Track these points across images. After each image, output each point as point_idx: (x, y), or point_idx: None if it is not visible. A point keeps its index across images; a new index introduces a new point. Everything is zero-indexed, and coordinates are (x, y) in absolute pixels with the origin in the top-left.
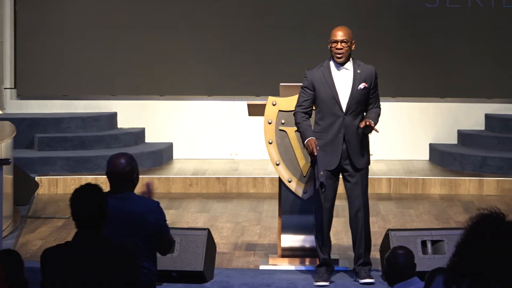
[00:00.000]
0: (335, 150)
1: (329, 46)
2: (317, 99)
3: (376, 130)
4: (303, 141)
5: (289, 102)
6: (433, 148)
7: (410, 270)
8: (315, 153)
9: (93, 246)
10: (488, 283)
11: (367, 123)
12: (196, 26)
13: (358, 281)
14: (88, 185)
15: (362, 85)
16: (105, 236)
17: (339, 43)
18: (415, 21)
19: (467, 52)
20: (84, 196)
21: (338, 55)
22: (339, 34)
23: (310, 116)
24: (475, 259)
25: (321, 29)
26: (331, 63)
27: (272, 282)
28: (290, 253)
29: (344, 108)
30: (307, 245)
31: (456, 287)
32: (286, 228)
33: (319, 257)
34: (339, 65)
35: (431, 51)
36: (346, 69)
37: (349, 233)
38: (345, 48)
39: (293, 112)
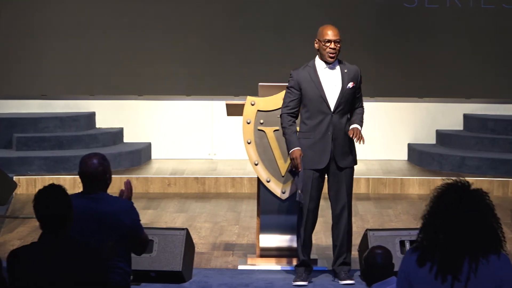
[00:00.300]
0: (325, 149)
1: (319, 45)
2: (304, 98)
3: (362, 141)
4: (288, 149)
5: (268, 102)
6: (411, 148)
7: (388, 270)
8: (300, 169)
9: (58, 246)
10: (458, 256)
11: (356, 136)
12: (174, 26)
13: (337, 282)
14: (52, 186)
15: (350, 84)
16: (71, 236)
17: (333, 43)
18: (394, 21)
19: (446, 52)
20: (47, 197)
21: (332, 55)
22: (333, 34)
23: (296, 118)
24: (443, 231)
25: (299, 29)
26: (317, 63)
27: (251, 282)
28: (268, 253)
29: (332, 107)
30: (286, 245)
31: (430, 263)
32: (265, 228)
33: (298, 257)
34: (326, 64)
35: (409, 51)
36: (333, 68)
37: (328, 233)
38: (338, 48)
39: (280, 113)
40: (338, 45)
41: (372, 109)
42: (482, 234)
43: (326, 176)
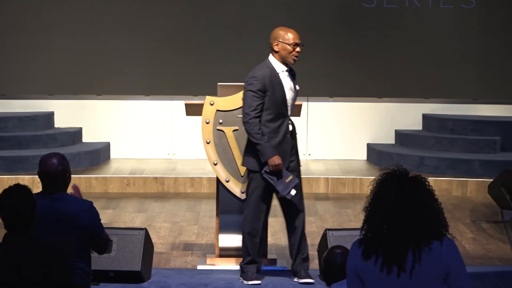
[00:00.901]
0: (286, 150)
1: (282, 47)
2: (268, 101)
3: None
4: (265, 157)
5: (227, 102)
6: (370, 148)
7: None
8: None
9: (22, 247)
10: (401, 246)
11: None
12: (133, 26)
13: (297, 281)
14: (17, 186)
15: (297, 86)
16: (35, 237)
17: (299, 46)
18: (353, 21)
19: (405, 52)
20: (12, 197)
21: (296, 58)
22: (299, 37)
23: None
24: (385, 221)
25: (258, 29)
26: (275, 64)
27: (210, 282)
28: (228, 253)
29: (289, 109)
30: None
31: (375, 255)
32: (224, 228)
33: (248, 255)
34: (283, 66)
35: (368, 51)
36: (286, 70)
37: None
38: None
39: (248, 117)
40: (301, 49)
41: (331, 109)
42: (424, 220)
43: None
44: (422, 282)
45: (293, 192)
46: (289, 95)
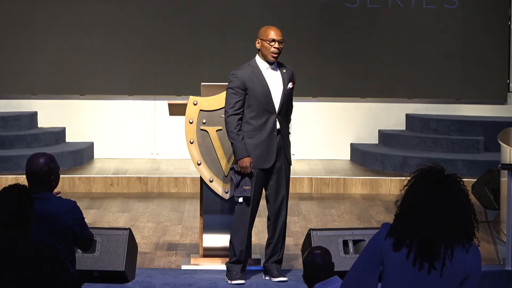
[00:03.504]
0: (271, 148)
1: (261, 45)
2: (249, 98)
3: None
4: (236, 156)
5: (210, 102)
6: (354, 148)
7: (329, 269)
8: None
9: (16, 246)
10: (435, 243)
11: None
12: (116, 25)
13: (270, 279)
14: (16, 186)
15: (290, 85)
16: (29, 236)
17: (277, 42)
18: (336, 21)
19: (388, 52)
20: (10, 197)
21: (275, 55)
22: (277, 34)
23: (242, 119)
24: (419, 216)
25: (241, 28)
26: (259, 63)
27: (194, 282)
28: (212, 252)
29: (277, 107)
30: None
31: (407, 249)
32: (208, 228)
33: (234, 255)
34: (268, 64)
35: (352, 51)
36: (273, 68)
37: None
38: (281, 48)
39: (226, 115)
40: (281, 46)
41: (315, 109)
42: (457, 220)
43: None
44: (448, 281)
45: (240, 200)
46: (275, 92)
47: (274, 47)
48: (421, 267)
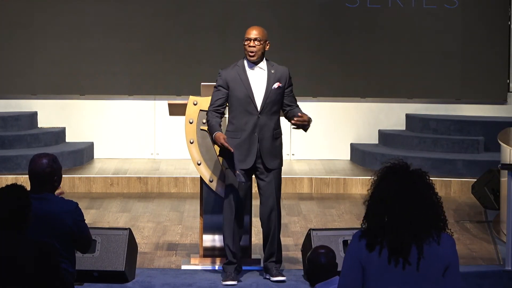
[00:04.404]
0: (250, 149)
1: (243, 45)
2: (231, 97)
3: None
4: (211, 136)
5: None
6: (354, 148)
7: (332, 270)
8: (231, 149)
9: (14, 246)
10: (405, 238)
11: (300, 119)
12: (116, 25)
13: (269, 279)
14: (14, 185)
15: (276, 85)
16: (27, 236)
17: (252, 41)
18: (336, 21)
19: (388, 52)
20: (7, 196)
21: (251, 53)
22: (253, 33)
23: (222, 116)
24: (387, 214)
25: (241, 28)
26: (245, 62)
27: (194, 282)
28: (211, 252)
29: (259, 107)
30: None
31: (379, 247)
32: (208, 228)
33: (227, 255)
34: (253, 64)
35: (352, 51)
36: (260, 68)
37: None
38: (258, 46)
39: (207, 112)
40: (258, 44)
41: (315, 109)
42: (424, 214)
43: (254, 177)
44: (427, 274)
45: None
46: (258, 93)
47: (248, 46)
48: (396, 263)
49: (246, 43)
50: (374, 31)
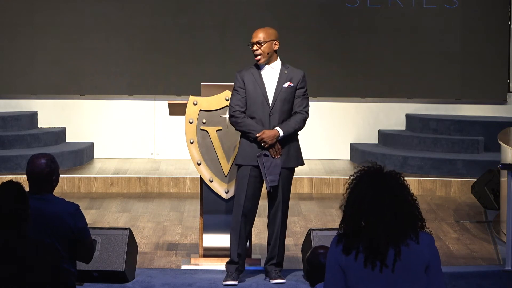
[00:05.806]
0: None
1: None
2: (247, 98)
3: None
4: (255, 133)
5: (210, 102)
6: (354, 148)
7: None
8: (279, 146)
9: (15, 246)
10: (381, 241)
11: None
12: (116, 25)
13: (268, 281)
14: (10, 183)
15: (287, 84)
16: (27, 236)
17: (254, 45)
18: (336, 21)
19: (388, 52)
20: (5, 194)
21: (256, 57)
22: (254, 36)
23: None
24: (362, 217)
25: (241, 28)
26: (261, 64)
27: (194, 282)
28: (211, 253)
29: (270, 106)
30: (229, 245)
31: (355, 251)
32: (208, 228)
33: (230, 255)
34: (264, 64)
35: (352, 51)
36: (273, 68)
37: None
38: (260, 49)
39: (229, 115)
40: (260, 47)
41: (315, 109)
42: (400, 215)
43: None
44: (405, 276)
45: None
46: (270, 92)
47: (252, 50)
48: (373, 267)
49: (251, 47)
50: (374, 31)
